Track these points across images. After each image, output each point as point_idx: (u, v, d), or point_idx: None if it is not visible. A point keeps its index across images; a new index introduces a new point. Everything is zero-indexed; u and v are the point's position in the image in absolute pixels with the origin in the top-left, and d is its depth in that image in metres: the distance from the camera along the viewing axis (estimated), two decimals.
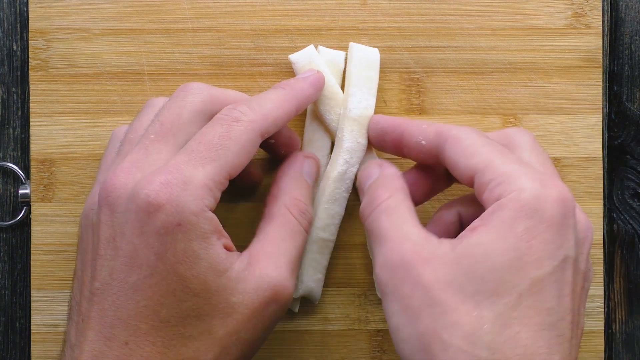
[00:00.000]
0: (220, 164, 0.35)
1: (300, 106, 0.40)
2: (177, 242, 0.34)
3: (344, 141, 0.42)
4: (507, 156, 0.36)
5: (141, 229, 0.34)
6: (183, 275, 0.34)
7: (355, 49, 0.43)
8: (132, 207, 0.34)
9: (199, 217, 0.34)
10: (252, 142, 0.37)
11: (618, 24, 0.47)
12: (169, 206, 0.34)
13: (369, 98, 0.43)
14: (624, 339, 0.47)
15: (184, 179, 0.34)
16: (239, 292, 0.35)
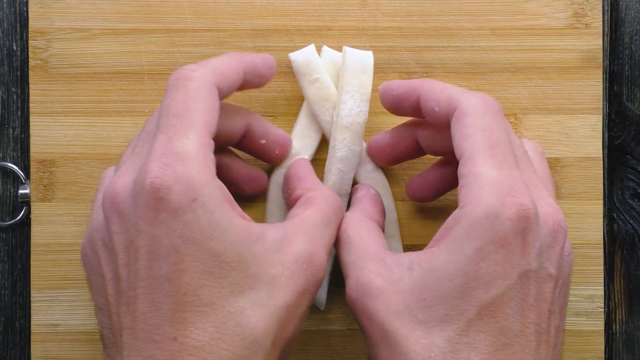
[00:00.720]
0: (199, 127, 0.34)
1: (249, 70, 0.39)
2: (200, 218, 0.32)
3: (337, 150, 0.42)
4: (494, 152, 0.35)
5: (157, 218, 0.32)
6: (216, 250, 0.32)
7: (349, 54, 0.42)
8: (141, 200, 0.32)
9: (210, 186, 0.33)
10: (211, 95, 0.35)
11: (618, 24, 0.47)
12: (178, 185, 0.32)
13: (361, 104, 0.42)
14: (624, 339, 0.47)
15: (178, 154, 0.33)
16: (276, 263, 0.34)
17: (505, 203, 0.33)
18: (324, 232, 0.37)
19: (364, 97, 0.42)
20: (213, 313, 0.32)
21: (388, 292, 0.35)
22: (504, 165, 0.34)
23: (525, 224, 0.33)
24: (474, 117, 0.36)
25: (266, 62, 0.40)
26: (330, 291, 0.45)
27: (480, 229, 0.33)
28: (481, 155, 0.34)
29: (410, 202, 0.45)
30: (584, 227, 0.45)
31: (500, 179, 0.34)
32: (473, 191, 0.34)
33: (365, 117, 0.42)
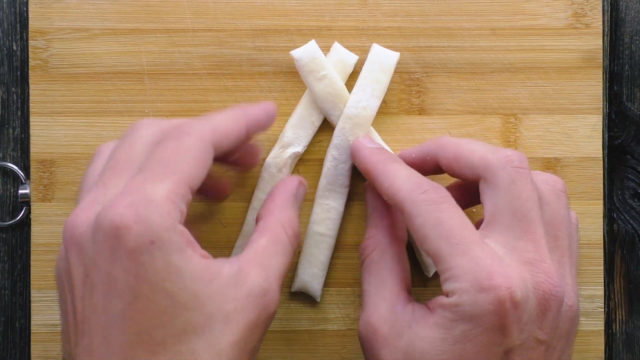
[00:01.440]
0: (179, 177, 0.34)
1: (251, 127, 0.39)
2: (156, 260, 0.32)
3: (334, 137, 0.43)
4: (455, 243, 0.36)
5: (114, 256, 0.32)
6: (170, 291, 0.33)
7: (374, 50, 0.44)
8: (100, 236, 0.33)
9: (170, 231, 0.33)
10: (205, 153, 0.36)
11: (618, 24, 0.47)
12: (138, 225, 0.32)
13: (370, 99, 0.43)
14: (624, 339, 0.47)
15: (146, 197, 0.33)
16: (231, 299, 0.34)
17: (483, 291, 0.35)
18: (278, 262, 0.37)
19: (375, 93, 0.43)
20: (164, 352, 0.32)
21: (391, 345, 0.37)
22: (469, 249, 0.35)
23: (504, 308, 0.35)
24: (421, 217, 0.37)
25: (268, 112, 0.41)
26: (330, 291, 0.45)
27: (465, 315, 0.35)
28: (444, 250, 0.36)
29: None
30: (584, 227, 0.45)
31: (471, 266, 0.35)
32: (452, 284, 0.35)
33: (371, 112, 0.43)
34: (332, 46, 0.44)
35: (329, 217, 0.43)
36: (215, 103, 0.45)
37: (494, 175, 0.38)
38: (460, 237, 0.36)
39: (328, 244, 0.44)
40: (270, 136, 0.44)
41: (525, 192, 0.37)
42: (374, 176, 0.40)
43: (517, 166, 0.38)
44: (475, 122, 0.45)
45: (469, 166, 0.39)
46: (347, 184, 0.43)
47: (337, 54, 0.44)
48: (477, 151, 0.39)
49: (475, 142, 0.40)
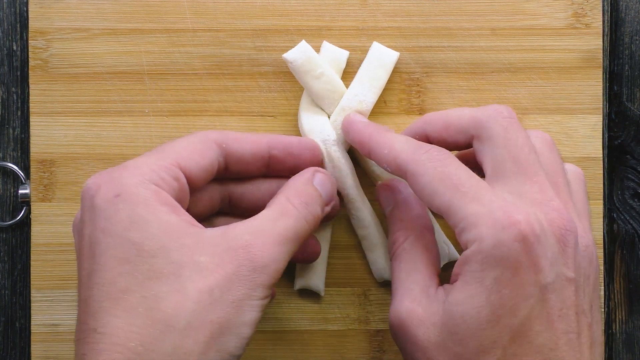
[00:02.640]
0: (165, 154, 0.36)
1: (274, 144, 0.40)
2: (120, 211, 0.34)
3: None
4: (466, 192, 0.36)
5: (89, 216, 0.35)
6: (134, 239, 0.34)
7: (374, 48, 0.44)
8: (82, 202, 0.36)
9: (138, 186, 0.35)
10: (203, 144, 0.38)
11: (618, 24, 0.47)
12: (106, 184, 0.35)
13: (367, 94, 0.43)
14: (624, 339, 0.47)
15: (124, 166, 0.36)
16: (207, 252, 0.34)
17: (504, 229, 0.34)
18: (273, 224, 0.36)
19: (372, 89, 0.43)
20: (127, 300, 0.33)
21: (427, 323, 0.36)
22: (481, 195, 0.35)
23: (530, 240, 0.34)
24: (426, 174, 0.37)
25: (303, 144, 0.42)
26: (330, 291, 0.45)
27: (492, 260, 0.34)
28: (455, 201, 0.35)
29: None
30: None
31: (487, 209, 0.35)
32: (470, 232, 0.35)
33: (367, 107, 0.43)
34: (322, 46, 0.44)
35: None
36: (215, 103, 0.45)
37: (487, 129, 0.38)
38: (469, 185, 0.36)
39: (325, 238, 0.44)
40: None
41: (520, 138, 0.37)
42: (370, 146, 0.40)
43: (506, 116, 0.38)
44: None
45: (460, 130, 0.39)
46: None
47: (328, 52, 0.44)
48: (465, 114, 0.39)
49: (460, 108, 0.40)
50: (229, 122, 0.45)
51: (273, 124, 0.45)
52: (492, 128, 0.38)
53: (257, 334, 0.45)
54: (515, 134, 0.37)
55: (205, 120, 0.45)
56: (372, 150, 0.40)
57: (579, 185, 0.40)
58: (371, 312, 0.45)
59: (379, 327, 0.45)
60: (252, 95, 0.45)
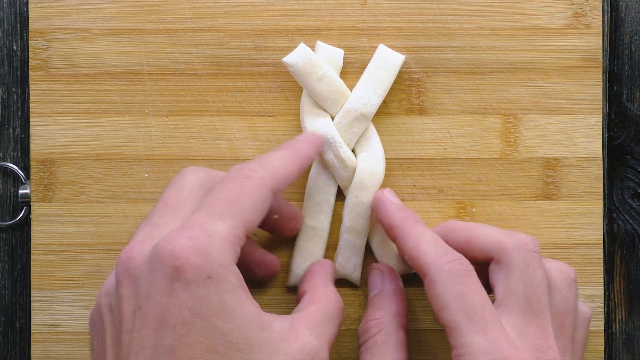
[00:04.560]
0: (239, 219, 0.35)
1: (303, 165, 0.40)
2: (211, 295, 0.32)
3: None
4: (474, 320, 0.36)
5: (170, 286, 0.32)
6: (223, 329, 0.32)
7: (380, 50, 0.44)
8: (157, 266, 0.33)
9: (227, 270, 0.33)
10: (264, 197, 0.36)
11: (618, 24, 0.47)
12: (197, 259, 0.32)
13: (372, 96, 0.43)
14: (624, 339, 0.47)
15: (207, 232, 0.33)
16: (281, 352, 0.34)
17: None
18: (327, 328, 0.37)
19: (377, 92, 0.43)
20: None
21: None
22: (488, 330, 0.36)
23: None
24: (444, 286, 0.37)
25: (317, 146, 0.42)
26: None
27: None
28: (464, 325, 0.36)
29: None
30: (584, 227, 0.45)
31: (490, 346, 0.35)
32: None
33: (371, 109, 0.43)
34: (317, 46, 0.44)
35: (320, 209, 0.44)
36: (215, 103, 0.45)
37: (509, 258, 0.38)
38: (481, 315, 0.36)
39: (321, 238, 0.44)
40: None
41: (538, 277, 0.38)
42: (397, 234, 0.40)
43: (531, 250, 0.39)
44: (475, 122, 0.45)
45: (482, 249, 0.40)
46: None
47: (325, 52, 0.44)
48: (491, 234, 0.40)
49: (486, 226, 0.41)
50: (229, 122, 0.45)
51: (273, 124, 0.45)
52: (514, 258, 0.38)
53: None
54: (534, 271, 0.38)
55: (205, 120, 0.45)
56: (398, 239, 0.40)
57: (583, 325, 0.41)
58: None
59: None
60: (252, 95, 0.45)
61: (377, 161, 0.43)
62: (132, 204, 0.45)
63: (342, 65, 0.44)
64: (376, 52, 0.44)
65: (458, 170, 0.45)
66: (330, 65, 0.44)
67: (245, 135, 0.45)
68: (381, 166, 0.43)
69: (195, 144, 0.45)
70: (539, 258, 0.39)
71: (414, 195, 0.45)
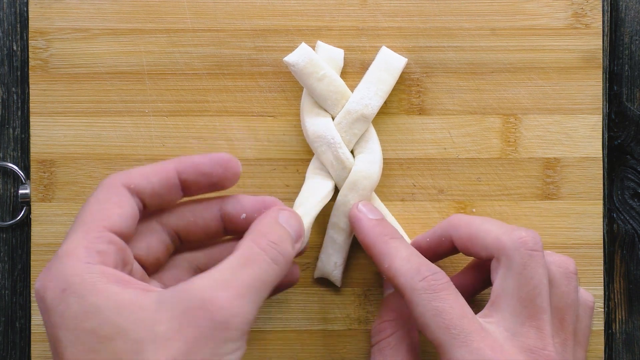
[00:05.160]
0: (89, 225, 0.36)
1: (183, 168, 0.38)
2: (71, 305, 0.33)
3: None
4: (456, 334, 0.36)
5: (45, 317, 0.34)
6: (91, 328, 0.33)
7: (382, 52, 0.44)
8: (38, 304, 0.35)
9: (81, 275, 0.34)
10: (116, 194, 0.37)
11: (618, 24, 0.47)
12: (52, 282, 0.34)
13: (373, 97, 0.43)
14: (624, 339, 0.47)
15: (58, 254, 0.35)
16: (164, 320, 0.33)
17: None
18: (238, 273, 0.34)
19: (379, 93, 0.43)
20: None
21: None
22: (470, 340, 0.36)
23: None
24: (421, 306, 0.37)
25: (214, 160, 0.39)
26: (330, 291, 0.45)
27: None
28: (445, 342, 0.36)
29: None
30: (584, 227, 0.45)
31: (474, 357, 0.36)
32: None
33: (372, 110, 0.43)
34: (317, 46, 0.44)
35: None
36: (215, 103, 0.45)
37: (507, 257, 0.38)
38: (460, 328, 0.36)
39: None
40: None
41: (536, 277, 0.38)
42: (373, 254, 0.40)
43: (531, 248, 0.38)
44: (475, 122, 0.45)
45: (483, 247, 0.39)
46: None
47: (325, 52, 0.44)
48: (492, 232, 0.39)
49: (489, 221, 0.40)
50: (229, 122, 0.45)
51: (273, 124, 0.45)
52: (512, 257, 0.38)
53: (258, 333, 0.45)
54: (532, 271, 0.38)
55: (205, 120, 0.45)
56: (374, 258, 0.40)
57: (586, 314, 0.41)
58: (371, 312, 0.45)
59: None
60: (252, 95, 0.45)
61: (373, 164, 0.43)
62: None
63: (343, 66, 0.44)
64: (379, 54, 0.44)
65: (458, 170, 0.45)
66: (330, 65, 0.44)
67: (245, 135, 0.45)
68: (377, 169, 0.43)
69: (195, 144, 0.45)
70: (540, 256, 0.38)
71: (414, 195, 0.45)
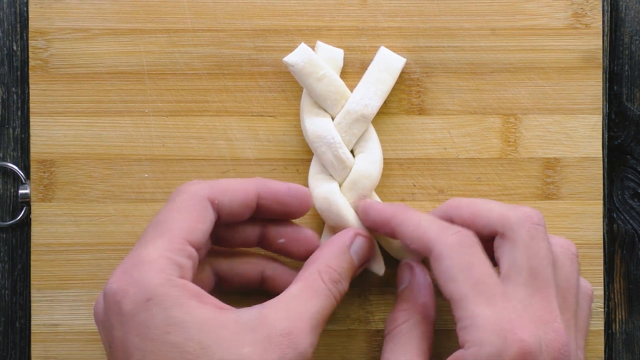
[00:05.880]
0: (170, 234, 0.36)
1: (263, 192, 0.39)
2: (155, 315, 0.34)
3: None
4: (481, 289, 0.36)
5: (119, 320, 0.34)
6: (175, 342, 0.33)
7: (381, 52, 0.44)
8: (107, 305, 0.35)
9: (166, 286, 0.34)
10: (200, 205, 0.37)
11: (618, 24, 0.47)
12: (133, 287, 0.34)
13: (373, 97, 0.43)
14: (624, 339, 0.47)
15: (138, 259, 0.35)
16: (248, 342, 0.34)
17: (507, 342, 0.35)
18: (309, 305, 0.36)
19: (378, 93, 0.43)
20: None
21: None
22: (494, 300, 0.36)
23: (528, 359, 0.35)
24: (450, 258, 0.37)
25: (292, 191, 0.40)
26: None
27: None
28: (471, 296, 0.36)
29: None
30: (584, 227, 0.45)
31: (497, 317, 0.35)
32: (473, 333, 0.35)
33: (371, 111, 0.43)
34: (317, 46, 0.44)
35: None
36: (215, 103, 0.45)
37: (514, 231, 0.38)
38: (487, 286, 0.36)
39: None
40: None
41: (542, 250, 0.38)
42: (395, 223, 0.40)
43: (536, 223, 0.38)
44: (475, 122, 0.45)
45: (486, 224, 0.39)
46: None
47: (324, 52, 0.44)
48: (495, 209, 0.39)
49: (490, 201, 0.41)
50: (229, 122, 0.45)
51: (273, 124, 0.45)
52: (518, 231, 0.38)
53: None
54: (539, 243, 0.38)
55: (205, 120, 0.45)
56: (397, 228, 0.40)
57: (585, 302, 0.41)
58: (371, 312, 0.45)
59: (379, 327, 0.45)
60: (252, 95, 0.45)
61: (373, 164, 0.43)
62: (132, 204, 0.45)
63: (342, 66, 0.44)
64: (377, 54, 0.44)
65: (458, 170, 0.45)
66: (330, 65, 0.44)
67: (245, 135, 0.45)
68: (377, 169, 0.43)
69: (195, 144, 0.45)
70: (544, 231, 0.38)
71: (414, 195, 0.45)
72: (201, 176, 0.45)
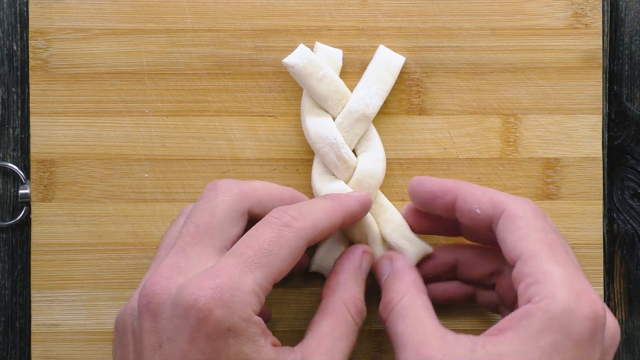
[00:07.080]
0: (269, 270, 0.35)
1: (346, 221, 0.40)
2: (230, 347, 0.34)
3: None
4: (555, 251, 0.36)
5: (191, 335, 0.34)
6: None
7: (380, 51, 0.44)
8: (180, 312, 0.34)
9: (248, 322, 0.34)
10: (300, 248, 0.37)
11: (618, 24, 0.47)
12: (220, 311, 0.33)
13: (373, 97, 0.43)
14: (624, 339, 0.47)
15: (233, 284, 0.34)
16: None
17: (581, 300, 0.34)
18: (342, 346, 0.37)
19: (379, 92, 0.43)
20: None
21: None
22: (566, 264, 0.36)
23: (598, 323, 0.34)
24: (525, 219, 0.37)
25: (363, 205, 0.41)
26: None
27: (557, 323, 0.34)
28: (544, 255, 0.36)
29: None
30: (584, 227, 0.45)
31: (570, 277, 0.35)
32: (547, 288, 0.34)
33: (372, 110, 0.43)
34: (315, 46, 0.44)
35: None
36: (215, 103, 0.45)
37: (512, 209, 0.38)
38: (558, 247, 0.36)
39: (348, 228, 0.44)
40: None
41: (547, 219, 0.38)
42: (459, 190, 0.40)
43: (533, 206, 0.38)
44: (475, 122, 0.45)
45: (484, 208, 0.39)
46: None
47: (323, 53, 0.44)
48: (487, 192, 0.39)
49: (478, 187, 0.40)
50: (229, 122, 0.45)
51: (273, 124, 0.45)
52: (521, 205, 0.38)
53: None
54: (542, 214, 0.38)
55: (205, 120, 0.45)
56: (460, 194, 0.39)
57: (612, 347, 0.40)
58: (370, 312, 0.45)
59: (379, 327, 0.45)
60: (252, 95, 0.45)
61: (377, 162, 0.43)
62: (132, 204, 0.45)
63: (342, 66, 0.44)
64: (376, 53, 0.44)
65: (458, 170, 0.45)
66: (329, 65, 0.44)
67: (245, 135, 0.45)
68: (381, 167, 0.43)
69: (195, 144, 0.45)
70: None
71: None
72: (200, 176, 0.45)
